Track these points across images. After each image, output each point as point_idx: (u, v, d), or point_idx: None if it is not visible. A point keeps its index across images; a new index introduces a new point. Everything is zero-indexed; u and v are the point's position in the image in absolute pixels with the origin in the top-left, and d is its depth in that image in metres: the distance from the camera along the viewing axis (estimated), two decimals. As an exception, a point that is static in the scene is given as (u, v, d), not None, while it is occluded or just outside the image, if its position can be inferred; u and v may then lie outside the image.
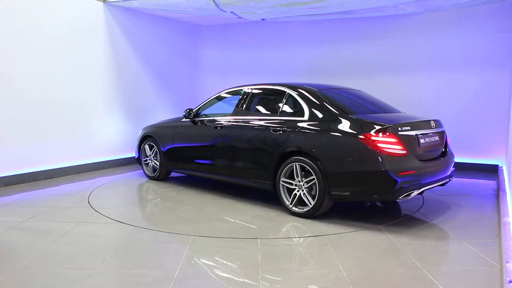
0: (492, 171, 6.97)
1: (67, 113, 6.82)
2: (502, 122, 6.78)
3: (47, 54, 6.47)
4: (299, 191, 4.61)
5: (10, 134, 6.06)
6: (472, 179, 6.71)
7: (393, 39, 7.62)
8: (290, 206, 4.68)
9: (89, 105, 7.19)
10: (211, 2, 6.44)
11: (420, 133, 4.46)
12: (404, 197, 4.20)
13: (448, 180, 4.81)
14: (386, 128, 4.21)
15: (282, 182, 4.75)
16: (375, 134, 4.17)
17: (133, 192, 6.09)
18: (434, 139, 4.68)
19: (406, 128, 4.32)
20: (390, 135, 4.18)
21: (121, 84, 7.75)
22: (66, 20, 6.73)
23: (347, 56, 7.98)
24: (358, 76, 7.76)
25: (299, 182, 4.60)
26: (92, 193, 5.77)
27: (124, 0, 7.15)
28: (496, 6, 6.80)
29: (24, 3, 6.14)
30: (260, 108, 5.46)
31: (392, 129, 4.22)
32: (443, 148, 4.85)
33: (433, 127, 4.69)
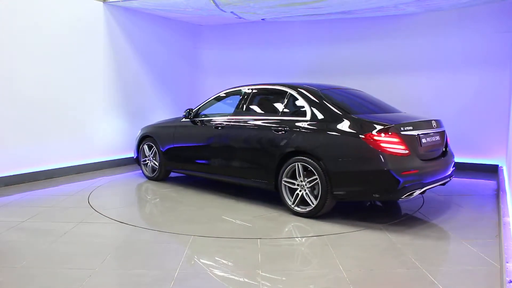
0: (492, 171, 6.97)
1: (67, 113, 6.81)
2: (502, 122, 6.78)
3: (47, 54, 6.47)
4: (301, 191, 4.61)
5: (10, 134, 6.06)
6: (472, 179, 6.71)
7: (393, 39, 7.62)
8: (293, 206, 4.68)
9: (89, 105, 7.19)
10: (211, 2, 6.44)
11: (422, 133, 4.47)
12: (407, 196, 4.21)
13: (448, 179, 4.83)
14: (388, 128, 4.21)
15: (284, 182, 4.74)
16: (378, 134, 4.17)
17: (133, 192, 6.09)
18: (435, 138, 4.70)
19: (409, 128, 4.33)
20: (393, 135, 4.19)
21: (121, 84, 7.75)
22: (66, 20, 6.73)
23: (347, 56, 7.98)
24: (358, 76, 7.76)
25: (301, 182, 4.60)
26: (92, 193, 5.77)
27: (124, 0, 7.15)
28: (496, 6, 6.80)
29: (24, 3, 6.14)
30: (261, 108, 5.45)
31: (394, 128, 4.23)
32: (443, 147, 4.87)
33: (434, 127, 4.71)
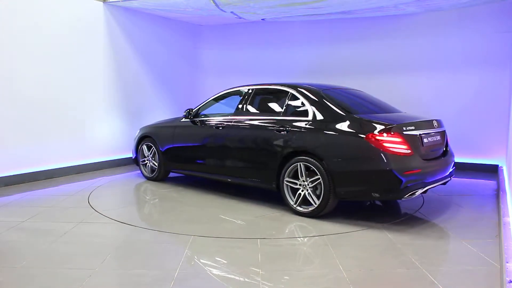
0: (492, 171, 6.96)
1: (67, 113, 6.82)
2: (502, 122, 6.78)
3: (47, 54, 6.47)
4: (303, 191, 4.61)
5: (10, 134, 6.06)
6: (472, 179, 6.71)
7: (393, 39, 7.62)
8: (295, 206, 4.68)
9: (89, 105, 7.19)
10: (211, 2, 6.44)
11: (424, 132, 4.49)
12: (409, 196, 4.22)
13: (449, 179, 4.86)
14: (391, 127, 4.23)
15: (286, 182, 4.75)
16: (381, 133, 4.19)
17: (133, 192, 6.08)
18: (436, 138, 4.72)
19: (411, 128, 4.35)
20: (395, 135, 4.20)
21: (121, 84, 7.75)
22: (66, 20, 6.73)
23: (347, 56, 7.98)
24: (358, 76, 7.75)
25: (303, 181, 4.60)
26: (92, 193, 5.77)
27: (124, 0, 7.15)
28: (496, 6, 6.80)
29: (24, 3, 6.14)
30: (262, 108, 5.45)
31: (397, 128, 4.25)
32: (444, 147, 4.90)
33: (435, 127, 4.73)
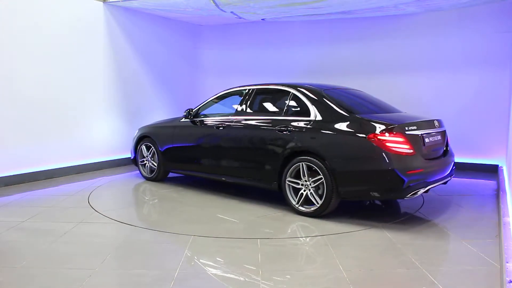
0: (492, 171, 6.97)
1: (67, 113, 6.81)
2: (502, 122, 6.78)
3: (47, 54, 6.47)
4: (305, 191, 4.61)
5: (10, 134, 6.06)
6: (472, 179, 6.70)
7: (393, 39, 7.62)
8: (297, 206, 4.68)
9: (89, 105, 7.19)
10: (211, 2, 6.44)
11: (425, 132, 4.52)
12: (411, 195, 4.24)
13: (449, 178, 4.89)
14: (393, 127, 4.24)
15: (288, 182, 4.75)
16: (383, 133, 4.20)
17: (133, 192, 6.08)
18: (437, 138, 4.74)
19: (413, 128, 4.38)
20: (398, 135, 4.22)
21: (121, 84, 7.75)
22: (66, 20, 6.73)
23: (347, 56, 7.98)
24: (358, 76, 7.75)
25: (305, 181, 4.61)
26: (92, 193, 5.77)
27: (124, 0, 7.15)
28: (496, 6, 6.80)
29: (24, 3, 6.14)
30: (263, 108, 5.45)
31: (399, 128, 4.26)
32: (444, 147, 4.92)
33: (436, 127, 4.76)
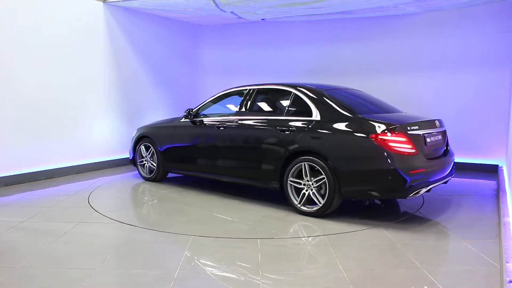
0: (492, 171, 6.97)
1: (67, 113, 6.81)
2: (502, 122, 6.78)
3: (47, 54, 6.47)
4: (308, 191, 4.62)
5: (10, 134, 6.06)
6: (472, 179, 6.70)
7: (393, 39, 7.62)
8: (299, 206, 4.69)
9: (89, 105, 7.19)
10: (211, 2, 6.44)
11: (427, 132, 4.54)
12: (414, 195, 4.27)
13: (450, 177, 4.92)
14: (396, 127, 4.26)
15: (290, 182, 4.75)
16: (386, 133, 4.22)
17: (133, 192, 6.08)
18: (438, 138, 4.77)
19: (415, 128, 4.40)
20: (400, 134, 4.24)
21: (121, 84, 7.75)
22: (66, 20, 6.73)
23: (347, 56, 7.98)
24: (358, 76, 7.75)
25: (308, 181, 4.61)
26: (92, 193, 5.77)
27: (124, 0, 7.15)
28: (496, 6, 6.80)
29: (24, 3, 6.14)
30: (265, 108, 5.45)
31: (401, 128, 4.29)
32: (445, 146, 4.95)
33: (437, 127, 4.79)
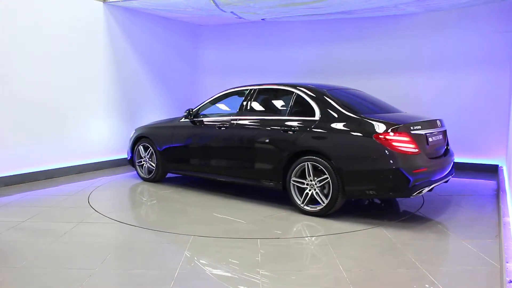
0: (492, 171, 6.96)
1: (67, 113, 6.81)
2: (502, 122, 6.78)
3: (47, 54, 6.47)
4: (311, 190, 4.62)
5: (10, 134, 6.06)
6: (472, 179, 6.70)
7: (393, 39, 7.62)
8: (302, 206, 4.69)
9: (89, 105, 7.19)
10: (211, 2, 6.44)
11: (428, 132, 4.57)
12: (417, 194, 4.30)
13: (450, 177, 4.95)
14: (399, 127, 4.28)
15: (293, 182, 4.75)
16: (389, 133, 4.24)
17: (133, 192, 6.08)
18: (439, 137, 4.80)
19: (417, 127, 4.43)
20: (404, 134, 4.26)
21: (121, 84, 7.75)
22: (66, 20, 6.73)
23: (347, 56, 7.98)
24: (358, 76, 7.75)
25: (311, 181, 4.61)
26: (92, 193, 5.77)
27: (124, 0, 7.15)
28: (496, 6, 6.80)
29: (24, 3, 6.14)
30: (266, 108, 5.45)
31: (405, 128, 4.31)
32: (445, 146, 4.99)
33: (438, 126, 4.83)
